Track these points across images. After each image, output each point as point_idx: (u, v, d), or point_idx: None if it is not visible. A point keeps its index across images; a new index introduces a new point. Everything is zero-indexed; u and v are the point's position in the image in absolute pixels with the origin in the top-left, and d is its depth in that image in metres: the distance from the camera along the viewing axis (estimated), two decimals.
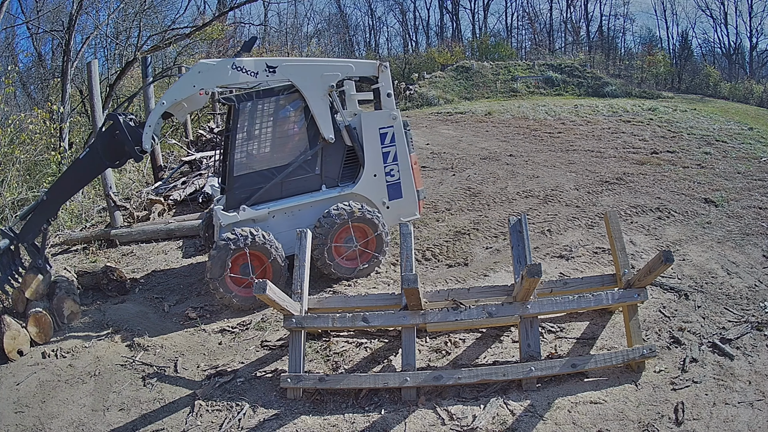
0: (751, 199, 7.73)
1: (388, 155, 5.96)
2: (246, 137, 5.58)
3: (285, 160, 5.70)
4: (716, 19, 31.80)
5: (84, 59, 12.36)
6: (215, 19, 14.17)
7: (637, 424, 3.67)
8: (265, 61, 5.44)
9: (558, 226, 7.11)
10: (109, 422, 4.08)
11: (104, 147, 5.41)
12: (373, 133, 5.90)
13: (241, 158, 5.57)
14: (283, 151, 5.75)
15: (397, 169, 6.03)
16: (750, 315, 4.85)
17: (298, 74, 5.55)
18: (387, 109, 5.97)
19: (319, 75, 5.63)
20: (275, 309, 4.42)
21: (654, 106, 15.84)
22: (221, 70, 5.31)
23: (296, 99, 5.68)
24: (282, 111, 5.69)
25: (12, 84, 10.35)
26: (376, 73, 5.98)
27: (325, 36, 34.94)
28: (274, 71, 5.44)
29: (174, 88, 5.35)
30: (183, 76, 5.43)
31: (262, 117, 5.62)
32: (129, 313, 5.69)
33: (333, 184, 5.91)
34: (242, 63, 5.36)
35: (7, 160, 7.97)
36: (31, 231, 5.50)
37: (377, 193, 5.99)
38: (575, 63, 23.19)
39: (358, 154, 5.91)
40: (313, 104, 5.62)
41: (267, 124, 5.66)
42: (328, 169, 5.85)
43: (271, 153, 5.71)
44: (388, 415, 3.90)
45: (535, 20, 34.64)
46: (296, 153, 5.74)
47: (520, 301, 4.25)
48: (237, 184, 5.57)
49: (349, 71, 5.86)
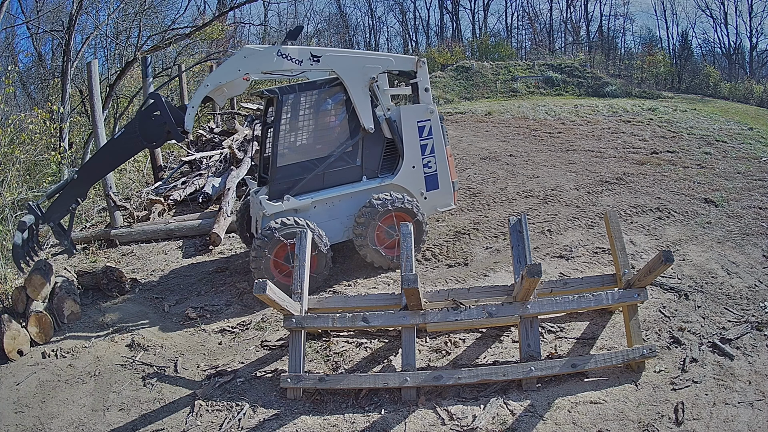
0: (751, 199, 7.73)
1: (426, 147, 6.13)
2: (289, 129, 5.72)
3: (326, 151, 5.84)
4: (716, 19, 31.81)
5: (84, 59, 12.35)
6: (215, 19, 14.17)
7: (637, 424, 3.67)
8: (309, 50, 5.57)
9: (558, 226, 7.11)
10: (109, 422, 4.08)
11: (143, 127, 5.38)
12: (412, 125, 6.06)
13: (284, 149, 5.70)
14: (325, 143, 5.88)
15: (434, 161, 6.20)
16: (750, 315, 4.84)
17: (341, 65, 5.67)
18: (424, 103, 6.14)
19: (361, 66, 5.76)
20: (275, 309, 4.42)
21: (654, 106, 15.84)
22: (267, 56, 5.42)
23: (338, 92, 5.84)
24: (324, 103, 5.85)
25: (12, 84, 10.35)
26: (415, 68, 6.14)
27: (325, 36, 34.94)
28: (318, 60, 5.56)
29: (218, 72, 5.42)
30: (228, 60, 5.50)
31: (304, 109, 5.77)
32: (129, 313, 5.69)
33: (373, 175, 6.05)
34: (287, 50, 5.47)
35: (7, 160, 7.96)
36: (59, 211, 5.45)
37: (415, 184, 6.15)
38: (575, 63, 23.18)
39: (397, 146, 6.06)
40: (355, 95, 5.75)
41: (309, 116, 5.80)
42: (368, 161, 6.00)
43: (312, 144, 5.87)
44: (388, 415, 3.90)
45: (535, 20, 34.65)
46: (337, 144, 5.87)
47: (520, 301, 4.25)
48: (280, 175, 5.68)
49: (390, 65, 6.01)
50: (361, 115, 5.81)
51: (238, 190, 9.18)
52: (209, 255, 7.13)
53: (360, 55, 6.03)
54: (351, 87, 5.72)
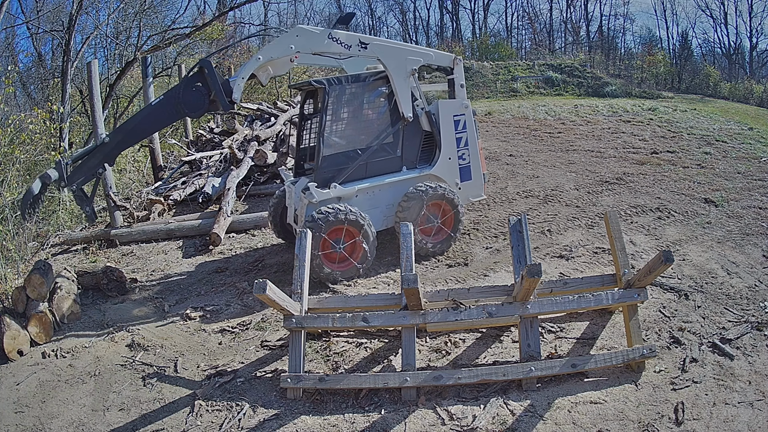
0: (751, 199, 7.74)
1: (461, 140, 6.44)
2: (334, 119, 5.89)
3: (369, 141, 6.05)
4: (716, 19, 31.79)
5: (84, 59, 12.34)
6: (215, 19, 14.15)
7: (637, 424, 3.67)
8: (358, 37, 5.80)
9: (558, 226, 7.11)
10: (109, 422, 4.08)
11: (186, 94, 5.35)
12: (449, 119, 6.34)
13: (329, 139, 5.88)
14: (368, 133, 6.09)
15: (468, 153, 6.52)
16: (750, 315, 4.84)
17: (386, 53, 5.90)
18: (460, 99, 6.46)
19: (404, 57, 6.00)
20: (275, 309, 4.42)
21: (654, 106, 15.84)
22: (319, 37, 5.60)
23: (380, 85, 6.07)
24: (367, 95, 6.08)
25: (12, 84, 10.34)
26: (452, 65, 6.44)
27: None
28: (365, 47, 5.79)
29: (271, 46, 5.55)
30: (281, 37, 5.63)
31: (349, 100, 5.98)
32: (129, 313, 5.69)
33: (412, 165, 6.29)
34: (338, 35, 5.68)
35: (7, 160, 7.96)
36: (84, 174, 5.28)
37: (451, 174, 6.43)
38: (575, 63, 23.18)
39: (435, 138, 6.33)
40: (397, 84, 5.96)
41: (353, 108, 6.03)
42: (407, 152, 6.24)
43: (356, 134, 6.05)
44: (388, 415, 3.90)
45: (535, 20, 34.63)
46: (379, 135, 6.09)
47: (520, 301, 4.25)
48: (325, 164, 5.86)
49: (429, 59, 6.25)
50: (401, 104, 6.02)
51: (238, 190, 9.18)
52: (209, 255, 7.13)
53: (404, 46, 6.27)
54: (394, 76, 5.94)
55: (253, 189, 9.50)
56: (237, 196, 9.00)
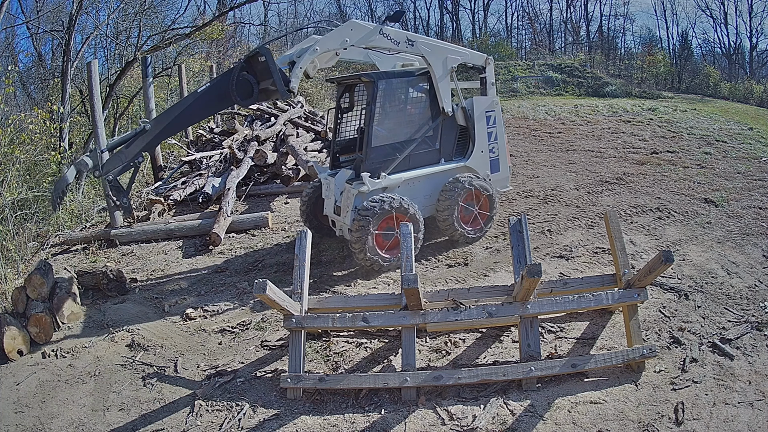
0: (751, 199, 7.74)
1: (491, 135, 6.85)
2: (382, 112, 6.15)
3: (411, 134, 6.36)
4: (716, 19, 31.81)
5: (84, 59, 12.34)
6: (215, 19, 14.15)
7: (637, 424, 3.67)
8: (406, 35, 6.05)
9: (558, 226, 7.11)
10: (109, 422, 4.08)
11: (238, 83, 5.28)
12: (482, 115, 6.73)
13: (377, 131, 6.11)
14: (411, 127, 6.38)
15: (497, 147, 6.93)
16: (750, 315, 4.85)
17: (430, 51, 6.19)
18: (490, 96, 6.85)
19: (445, 56, 6.31)
20: (275, 309, 4.42)
21: (654, 106, 15.84)
22: (372, 32, 5.78)
23: (422, 81, 6.40)
24: (411, 90, 6.38)
25: (12, 84, 10.35)
26: (484, 64, 6.82)
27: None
28: (412, 44, 6.05)
29: (327, 38, 5.61)
30: (337, 30, 5.72)
31: (395, 95, 6.27)
32: (129, 313, 5.69)
33: (449, 158, 6.65)
34: (388, 31, 5.89)
35: (7, 160, 7.96)
36: (121, 163, 5.10)
37: (483, 166, 6.81)
38: (575, 63, 23.20)
39: (469, 133, 6.70)
40: (438, 80, 6.27)
41: (399, 102, 6.32)
42: (445, 145, 6.59)
43: (401, 127, 6.34)
44: (388, 415, 3.90)
45: (535, 20, 34.65)
46: (421, 128, 6.41)
47: (520, 301, 4.25)
48: (373, 155, 6.09)
49: (466, 58, 6.60)
50: (442, 99, 6.35)
51: (238, 190, 9.18)
52: (209, 255, 7.13)
53: (445, 45, 6.54)
54: (436, 73, 6.23)
55: (253, 189, 9.50)
56: (237, 196, 9.00)
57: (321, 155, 10.98)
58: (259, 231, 7.77)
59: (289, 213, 8.57)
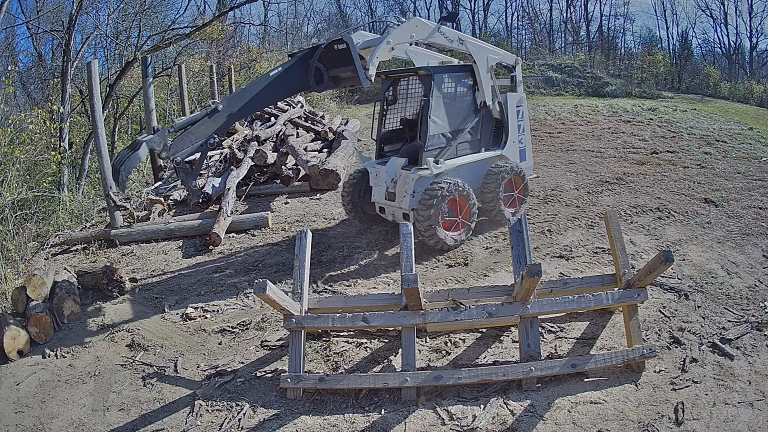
0: (751, 199, 7.74)
1: (520, 127, 7.46)
2: (436, 103, 6.56)
3: (460, 124, 6.86)
4: (716, 19, 31.79)
5: (84, 59, 12.34)
6: (215, 19, 14.15)
7: (637, 424, 3.67)
8: (458, 34, 6.64)
9: (558, 226, 7.11)
10: (109, 422, 4.08)
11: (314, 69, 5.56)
12: (513, 109, 7.32)
13: (433, 120, 6.53)
14: (459, 117, 6.89)
15: (524, 139, 7.57)
16: (750, 315, 4.85)
17: (477, 50, 6.78)
18: (519, 92, 7.47)
19: (487, 55, 6.92)
20: (275, 309, 4.42)
21: (654, 106, 15.84)
22: (432, 30, 6.33)
23: (467, 76, 6.93)
24: (459, 84, 6.88)
25: (12, 84, 10.35)
26: (514, 64, 7.46)
27: (325, 36, 34.91)
28: (462, 43, 6.62)
29: (396, 33, 6.07)
30: (403, 25, 6.19)
31: (447, 88, 6.73)
32: (129, 313, 5.69)
33: (487, 147, 7.19)
34: (445, 30, 6.45)
35: (7, 160, 7.96)
36: (190, 145, 5.01)
37: (514, 155, 7.40)
38: (575, 63, 23.19)
39: (504, 125, 7.26)
40: (482, 75, 6.84)
41: (450, 94, 6.77)
42: (484, 135, 7.15)
43: (451, 118, 6.80)
44: (388, 415, 3.90)
45: (535, 20, 34.62)
46: (466, 119, 6.92)
47: (520, 301, 4.25)
48: (430, 143, 6.50)
49: (501, 58, 7.24)
50: (485, 93, 6.89)
51: (238, 190, 9.18)
52: (209, 255, 7.12)
53: (487, 46, 7.22)
54: (480, 69, 6.79)
55: (253, 189, 9.50)
56: (237, 196, 8.99)
57: (321, 155, 10.98)
58: (259, 231, 7.77)
59: (289, 213, 8.57)
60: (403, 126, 7.45)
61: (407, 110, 7.54)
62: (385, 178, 6.63)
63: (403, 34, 6.08)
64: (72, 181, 10.89)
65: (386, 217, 6.85)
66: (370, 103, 20.82)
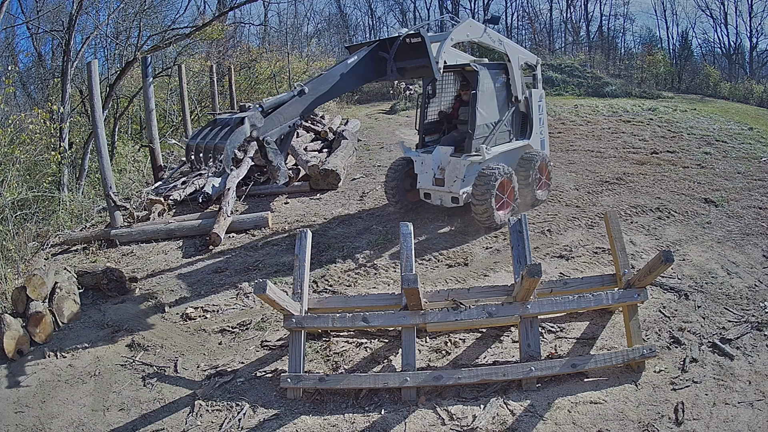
0: (751, 199, 7.74)
1: (541, 120, 8.18)
2: (482, 97, 7.15)
3: (498, 116, 7.48)
4: (716, 19, 31.73)
5: (84, 59, 12.34)
6: (215, 19, 14.15)
7: (637, 424, 3.67)
8: (498, 36, 7.40)
9: (558, 226, 7.11)
10: (109, 422, 4.08)
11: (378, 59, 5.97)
12: (536, 103, 8.01)
13: (480, 112, 7.11)
14: (498, 110, 7.51)
15: (543, 131, 8.31)
16: (750, 315, 4.84)
17: (511, 50, 7.56)
18: (539, 89, 8.19)
19: (518, 54, 7.72)
20: (275, 309, 4.42)
21: (654, 106, 15.84)
22: (482, 30, 7.15)
23: (503, 73, 7.58)
24: (496, 80, 7.49)
25: (12, 84, 10.34)
26: (536, 63, 8.23)
27: (325, 36, 34.94)
28: (501, 43, 7.42)
29: (456, 32, 6.76)
30: (460, 26, 6.92)
31: (490, 83, 7.34)
32: (129, 313, 5.69)
33: (516, 138, 7.86)
34: (490, 31, 7.29)
35: (7, 160, 7.96)
36: (279, 125, 5.14)
37: (536, 145, 8.10)
38: (575, 63, 23.16)
39: (529, 117, 7.94)
40: (515, 72, 7.55)
41: (491, 88, 7.37)
42: (514, 127, 7.83)
43: (492, 110, 7.40)
44: (388, 415, 3.90)
45: (535, 20, 34.60)
46: (502, 111, 7.55)
47: (520, 301, 4.25)
48: (477, 132, 7.07)
49: (527, 57, 8.00)
50: (517, 89, 7.59)
51: (238, 190, 9.18)
52: (209, 255, 7.12)
53: (518, 46, 8.00)
54: (514, 66, 7.51)
55: (253, 189, 9.50)
56: (237, 196, 8.99)
57: (321, 155, 10.98)
58: (259, 231, 7.77)
59: (289, 213, 8.57)
60: (441, 119, 8.04)
61: (443, 104, 8.14)
62: (431, 165, 7.12)
63: (461, 33, 6.82)
64: (72, 181, 10.89)
65: (432, 202, 7.32)
66: (369, 103, 20.83)
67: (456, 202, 7.02)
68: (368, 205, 8.59)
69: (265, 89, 19.65)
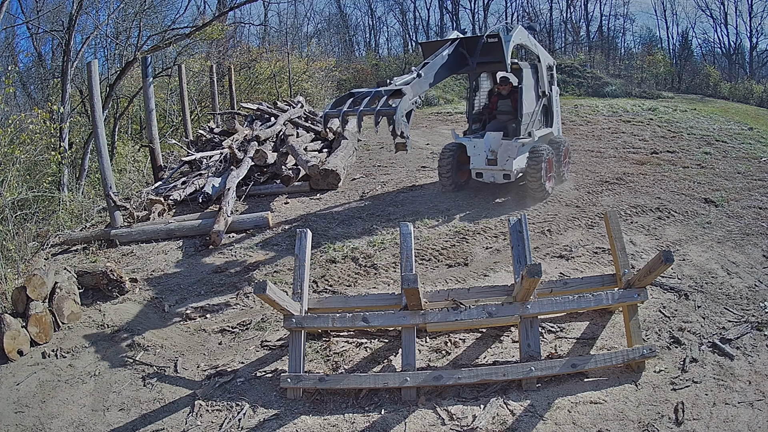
0: (751, 199, 7.73)
1: (557, 112, 9.40)
2: (527, 90, 8.22)
3: (535, 106, 8.58)
4: (716, 19, 31.72)
5: (84, 59, 12.33)
6: (215, 19, 14.13)
7: (637, 424, 3.67)
8: (534, 40, 8.42)
9: (558, 226, 7.11)
10: (109, 422, 4.08)
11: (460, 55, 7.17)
12: (555, 98, 9.28)
13: (524, 102, 8.16)
14: (533, 101, 8.55)
15: (559, 121, 9.63)
16: (750, 315, 4.84)
17: (542, 53, 8.69)
18: (555, 87, 9.36)
19: (546, 55, 8.88)
20: (275, 309, 4.42)
21: (654, 106, 15.84)
22: (527, 35, 8.12)
23: (535, 72, 8.60)
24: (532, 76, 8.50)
25: (12, 84, 10.33)
26: (553, 63, 9.38)
27: (325, 36, 34.92)
28: (536, 47, 8.49)
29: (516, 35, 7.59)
30: (517, 31, 7.70)
31: (530, 79, 8.42)
32: (129, 313, 5.69)
33: (543, 126, 8.92)
34: (530, 37, 8.30)
35: (7, 160, 7.95)
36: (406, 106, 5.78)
37: (557, 133, 9.41)
38: (575, 63, 23.19)
39: (550, 109, 9.09)
40: (544, 70, 8.63)
41: (530, 84, 8.38)
42: (542, 117, 8.96)
43: (531, 102, 8.44)
44: (388, 415, 3.90)
45: (535, 20, 34.57)
46: (536, 103, 8.63)
47: (520, 301, 4.25)
48: (524, 120, 8.13)
49: (549, 60, 9.13)
50: (545, 85, 8.70)
51: (238, 190, 9.17)
52: (209, 255, 7.12)
53: (545, 50, 9.10)
54: (543, 67, 8.60)
55: (253, 189, 9.49)
56: (237, 196, 8.99)
57: (321, 155, 10.98)
58: (259, 231, 7.77)
59: (289, 213, 8.57)
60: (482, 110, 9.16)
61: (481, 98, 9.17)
62: (483, 148, 8.16)
63: (518, 36, 7.74)
64: (72, 181, 10.88)
65: (484, 180, 8.34)
66: None
67: (507, 178, 8.01)
68: (368, 205, 8.59)
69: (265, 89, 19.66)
